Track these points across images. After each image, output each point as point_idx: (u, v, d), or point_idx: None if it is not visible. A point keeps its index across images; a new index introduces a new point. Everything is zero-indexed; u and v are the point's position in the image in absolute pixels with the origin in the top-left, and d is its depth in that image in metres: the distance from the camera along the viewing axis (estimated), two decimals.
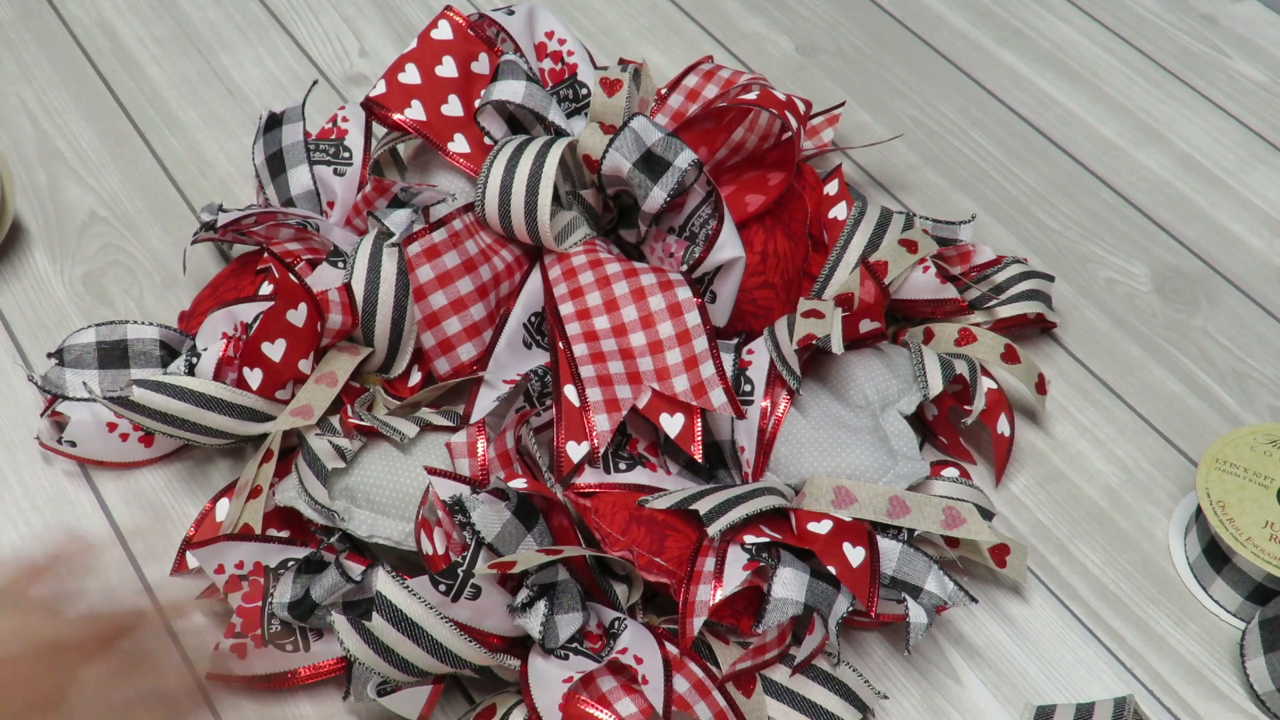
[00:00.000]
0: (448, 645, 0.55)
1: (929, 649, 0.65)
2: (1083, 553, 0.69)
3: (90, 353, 0.67)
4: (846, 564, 0.59)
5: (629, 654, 0.57)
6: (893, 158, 0.88)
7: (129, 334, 0.68)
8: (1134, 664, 0.65)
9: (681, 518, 0.61)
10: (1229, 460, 0.68)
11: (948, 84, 0.93)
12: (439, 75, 0.73)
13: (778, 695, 0.60)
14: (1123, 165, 0.89)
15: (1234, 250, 0.84)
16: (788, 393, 0.66)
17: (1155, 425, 0.75)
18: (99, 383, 0.67)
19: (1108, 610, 0.67)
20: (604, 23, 0.95)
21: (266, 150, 0.76)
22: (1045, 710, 0.62)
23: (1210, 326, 0.80)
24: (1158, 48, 0.97)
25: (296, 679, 0.60)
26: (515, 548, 0.57)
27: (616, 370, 0.65)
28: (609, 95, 0.74)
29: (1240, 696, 0.64)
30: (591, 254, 0.70)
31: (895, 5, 0.99)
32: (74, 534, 0.66)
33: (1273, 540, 0.65)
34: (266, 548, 0.61)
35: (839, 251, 0.73)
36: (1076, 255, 0.83)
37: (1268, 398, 0.76)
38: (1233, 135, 0.91)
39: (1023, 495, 0.71)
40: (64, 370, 0.67)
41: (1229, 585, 0.66)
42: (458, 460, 0.62)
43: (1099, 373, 0.77)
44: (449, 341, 0.68)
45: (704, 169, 0.67)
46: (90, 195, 0.80)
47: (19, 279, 0.76)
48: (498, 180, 0.68)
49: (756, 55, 0.93)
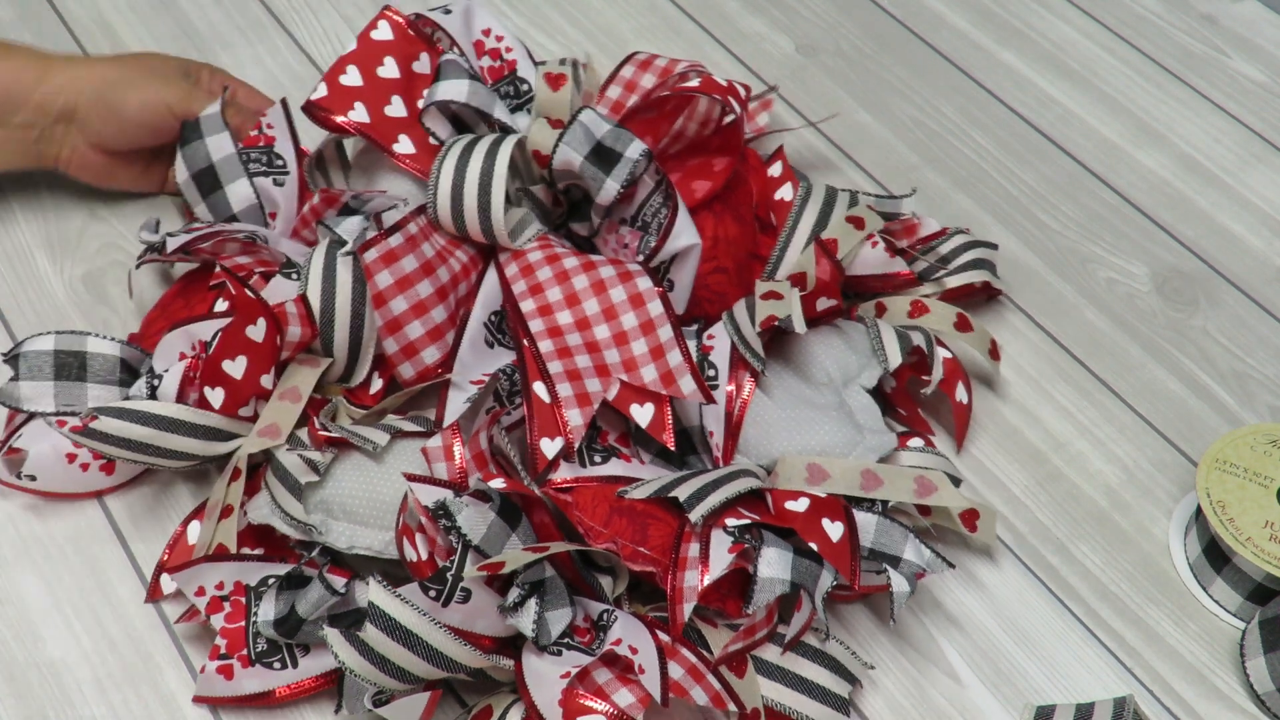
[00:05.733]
0: (443, 650, 0.54)
1: (923, 641, 0.65)
2: (1083, 553, 0.69)
3: (47, 363, 0.66)
4: (827, 539, 0.60)
5: (623, 645, 0.57)
6: (893, 158, 0.88)
7: (89, 347, 0.66)
8: (1134, 664, 0.65)
9: (662, 506, 0.62)
10: (1229, 460, 0.68)
11: (948, 84, 0.93)
12: (381, 76, 0.73)
13: (769, 674, 0.61)
14: (1123, 165, 0.89)
15: (1234, 250, 0.84)
16: (751, 375, 0.67)
17: (1155, 425, 0.75)
18: (54, 397, 0.65)
19: (1108, 610, 0.67)
20: (604, 22, 0.95)
21: (190, 167, 0.73)
22: (1045, 710, 0.62)
23: (1210, 326, 0.80)
24: (1158, 48, 0.97)
25: (286, 696, 0.60)
26: (501, 548, 0.57)
27: (584, 364, 0.65)
28: (554, 90, 0.74)
29: (1240, 696, 0.64)
30: (547, 249, 0.70)
31: (895, 5, 0.99)
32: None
33: (1273, 540, 0.65)
34: (245, 566, 0.61)
35: (789, 232, 0.73)
36: (1076, 255, 0.83)
37: (1268, 398, 0.76)
38: (1233, 135, 0.91)
39: (1023, 495, 0.71)
40: (19, 384, 0.66)
41: (1229, 585, 0.66)
42: (434, 465, 0.61)
43: (1099, 373, 0.77)
44: (412, 346, 0.67)
45: (653, 158, 0.68)
46: (90, 195, 0.80)
47: (19, 279, 0.76)
48: (449, 180, 0.68)
49: (756, 55, 0.93)
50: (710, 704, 0.57)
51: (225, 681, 0.60)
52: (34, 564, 0.65)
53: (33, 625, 0.63)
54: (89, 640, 0.62)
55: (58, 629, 0.63)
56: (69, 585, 0.64)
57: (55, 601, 0.64)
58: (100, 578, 0.65)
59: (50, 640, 0.62)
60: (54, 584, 0.64)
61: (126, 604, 0.64)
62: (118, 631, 0.63)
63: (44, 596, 0.64)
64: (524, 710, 0.57)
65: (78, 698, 0.61)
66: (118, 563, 0.65)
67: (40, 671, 0.61)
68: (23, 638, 0.62)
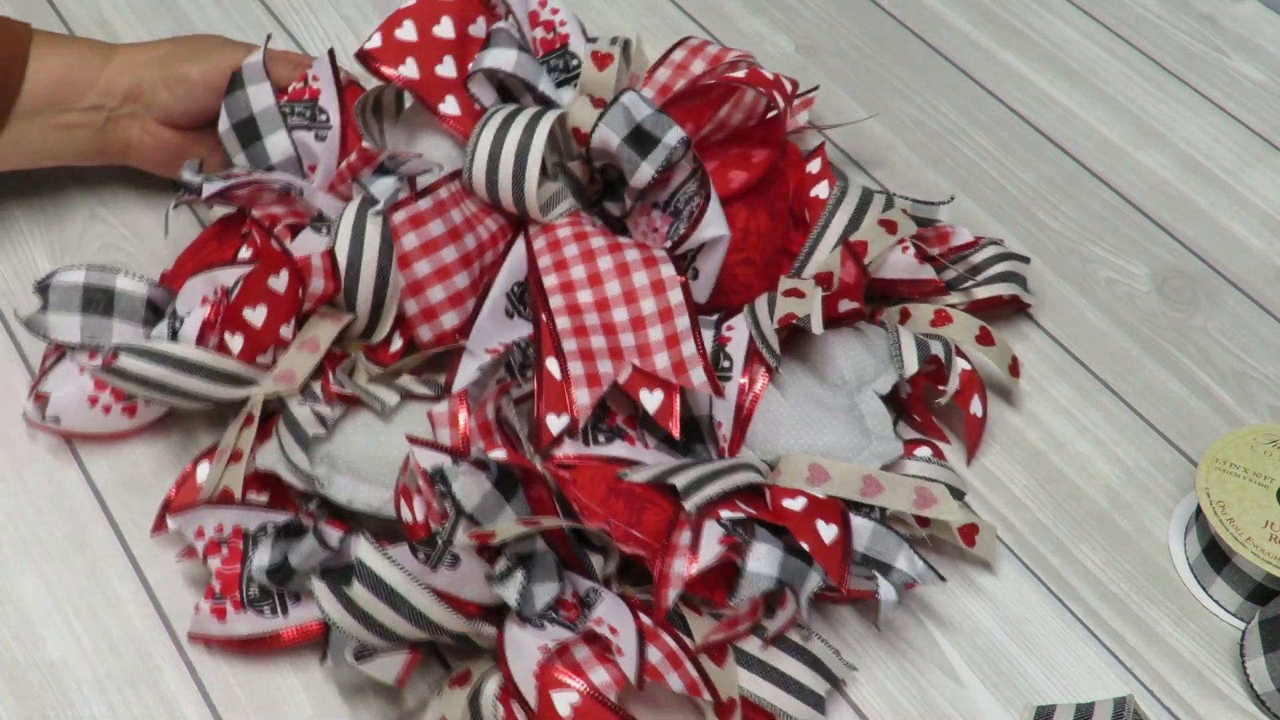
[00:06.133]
0: (426, 612, 0.55)
1: (923, 641, 0.65)
2: (1083, 553, 0.69)
3: (76, 296, 0.66)
4: (819, 541, 0.60)
5: (604, 624, 0.57)
6: (893, 157, 0.88)
7: (117, 284, 0.67)
8: (1134, 664, 0.65)
9: (659, 491, 0.62)
10: (1229, 460, 0.68)
11: (948, 84, 0.93)
12: (436, 35, 0.73)
13: (749, 666, 0.61)
14: (1123, 165, 0.89)
15: (1234, 250, 0.84)
16: (766, 370, 0.67)
17: (1155, 425, 0.75)
18: (80, 329, 0.66)
19: (1108, 610, 0.67)
20: (604, 22, 0.95)
21: (231, 116, 0.73)
22: (1045, 710, 0.62)
23: (1210, 326, 0.80)
24: (1158, 48, 0.97)
25: (277, 642, 0.60)
26: (495, 518, 0.58)
27: (599, 345, 0.66)
28: (600, 70, 0.73)
29: (1240, 696, 0.64)
30: (576, 226, 0.70)
31: (895, 5, 0.99)
32: None
33: (1273, 540, 0.65)
34: (245, 513, 0.62)
35: (820, 230, 0.73)
36: (1076, 255, 0.83)
37: (1268, 398, 0.76)
38: (1233, 135, 0.91)
39: (1023, 495, 0.71)
40: (46, 314, 0.66)
41: (1229, 585, 0.66)
42: (439, 430, 0.62)
43: (1099, 373, 0.77)
44: (432, 309, 0.68)
45: (691, 146, 0.68)
46: (90, 195, 0.80)
47: (19, 279, 0.76)
48: (486, 148, 0.68)
49: (756, 55, 0.93)
50: (686, 691, 0.57)
51: (219, 623, 0.61)
52: (34, 564, 0.65)
53: (33, 625, 0.63)
54: (89, 640, 0.62)
55: (58, 629, 0.63)
56: (69, 585, 0.64)
57: (55, 601, 0.64)
58: (100, 578, 0.65)
59: (50, 640, 0.62)
60: (54, 584, 0.64)
61: (126, 604, 0.64)
62: (118, 631, 0.63)
63: (44, 596, 0.64)
64: (501, 680, 0.57)
65: (78, 698, 0.61)
66: (118, 563, 0.65)
67: (40, 671, 0.61)
68: (23, 638, 0.62)
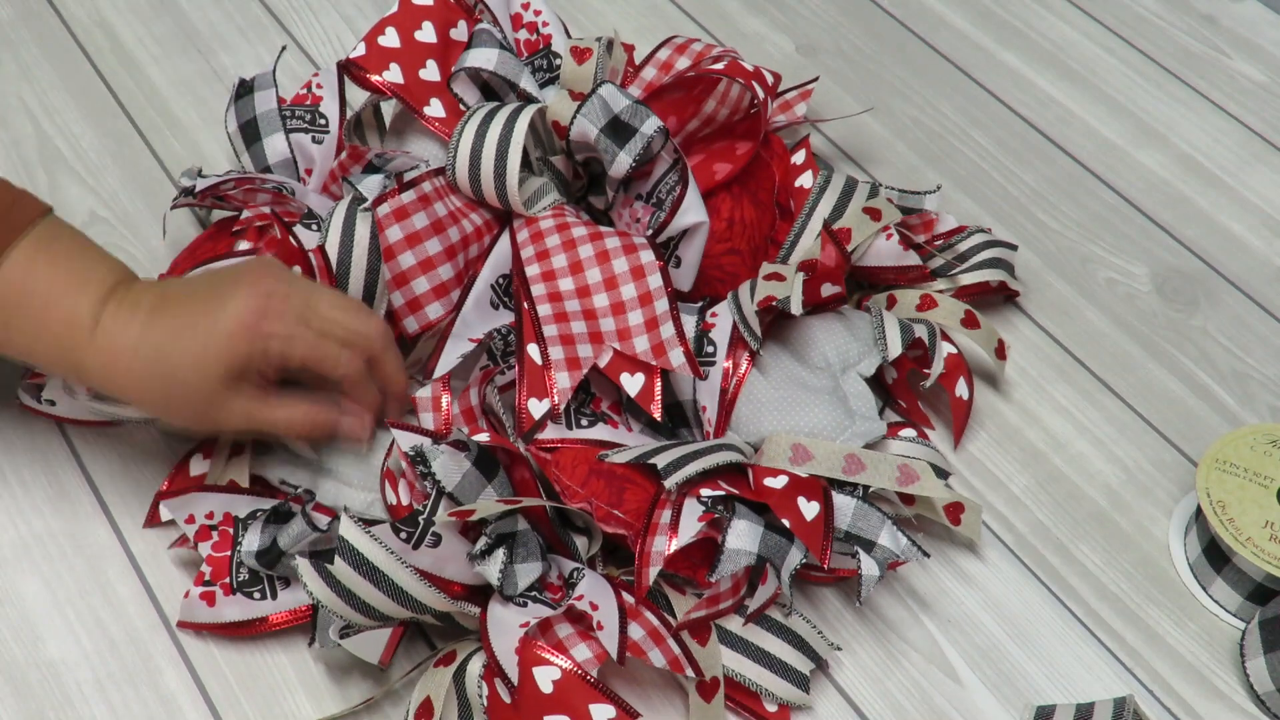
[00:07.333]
0: (408, 590, 0.56)
1: (923, 641, 0.65)
2: (1083, 553, 0.69)
3: None
4: (800, 517, 0.60)
5: (585, 600, 0.58)
6: (893, 156, 0.88)
7: None
8: (1134, 664, 0.65)
9: (641, 472, 0.62)
10: (1229, 460, 0.68)
11: (948, 84, 0.93)
12: (418, 40, 0.74)
13: (731, 644, 0.61)
14: (1123, 165, 0.89)
15: (1234, 250, 0.84)
16: (749, 354, 0.67)
17: (1155, 425, 0.75)
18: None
19: (1108, 610, 0.67)
20: (604, 23, 0.95)
21: (239, 118, 0.76)
22: (1045, 710, 0.62)
23: (1210, 326, 0.80)
24: (1158, 48, 0.97)
25: (265, 626, 0.61)
26: (475, 498, 0.58)
27: (579, 330, 0.66)
28: (578, 64, 0.74)
29: (1240, 696, 0.64)
30: (559, 218, 0.71)
31: (895, 5, 0.99)
32: None
33: (1273, 540, 0.65)
34: (236, 499, 0.63)
35: (804, 219, 0.74)
36: (1076, 255, 0.83)
37: (1268, 398, 0.76)
38: (1233, 135, 0.91)
39: (1023, 496, 0.71)
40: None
41: (1229, 585, 0.66)
42: (421, 414, 0.63)
43: (1099, 373, 0.77)
44: (417, 300, 0.69)
45: (670, 136, 0.68)
46: (90, 195, 0.80)
47: None
48: (468, 144, 0.70)
49: (757, 55, 0.93)
50: (668, 667, 0.57)
51: (207, 608, 0.61)
52: (34, 564, 0.65)
53: (33, 625, 0.63)
54: (89, 640, 0.62)
55: (58, 629, 0.63)
56: (69, 585, 0.64)
57: (55, 601, 0.64)
58: (100, 578, 0.65)
59: (50, 640, 0.62)
60: (54, 584, 0.64)
61: (126, 604, 0.64)
62: (118, 631, 0.63)
63: (44, 596, 0.64)
64: (485, 659, 0.58)
65: (78, 698, 0.61)
66: (118, 563, 0.65)
67: (40, 671, 0.61)
68: (23, 638, 0.62)
